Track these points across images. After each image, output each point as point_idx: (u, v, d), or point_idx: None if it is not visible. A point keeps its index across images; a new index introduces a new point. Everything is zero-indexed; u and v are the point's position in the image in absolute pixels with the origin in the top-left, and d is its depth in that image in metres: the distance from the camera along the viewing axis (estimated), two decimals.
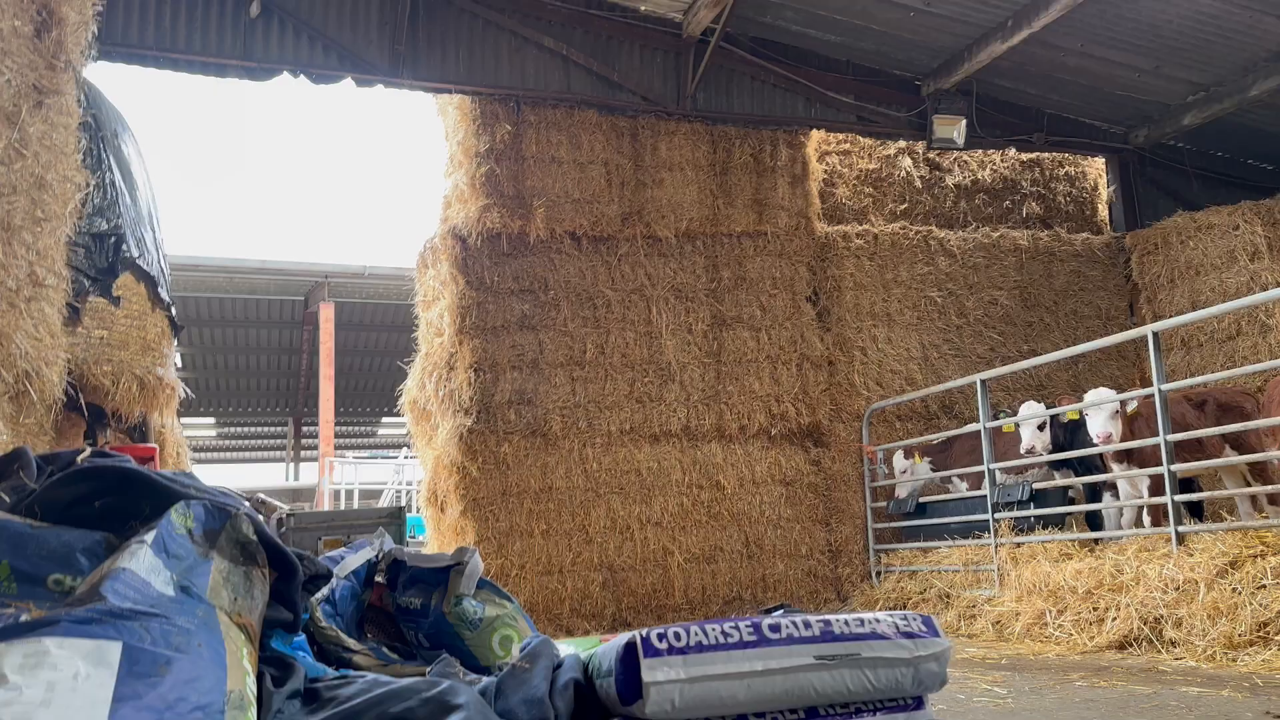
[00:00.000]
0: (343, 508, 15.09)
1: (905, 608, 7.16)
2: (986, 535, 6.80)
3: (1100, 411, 6.26)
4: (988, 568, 6.63)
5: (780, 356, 8.38)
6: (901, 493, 8.05)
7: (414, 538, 13.03)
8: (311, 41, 7.62)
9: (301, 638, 2.29)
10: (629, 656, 1.73)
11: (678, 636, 1.72)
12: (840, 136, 9.60)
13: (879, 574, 7.98)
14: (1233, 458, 6.34)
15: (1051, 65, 8.85)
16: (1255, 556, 4.77)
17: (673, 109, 8.53)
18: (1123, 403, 6.23)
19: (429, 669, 2.34)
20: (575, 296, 7.98)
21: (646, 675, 1.67)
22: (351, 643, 2.57)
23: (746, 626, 1.75)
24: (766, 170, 8.66)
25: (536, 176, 7.99)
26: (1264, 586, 4.51)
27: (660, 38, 8.58)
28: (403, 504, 15.15)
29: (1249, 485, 6.54)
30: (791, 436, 8.38)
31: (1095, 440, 6.25)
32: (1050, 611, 5.64)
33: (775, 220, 8.57)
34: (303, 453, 24.41)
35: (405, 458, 16.39)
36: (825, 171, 9.51)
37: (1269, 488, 6.20)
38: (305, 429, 23.81)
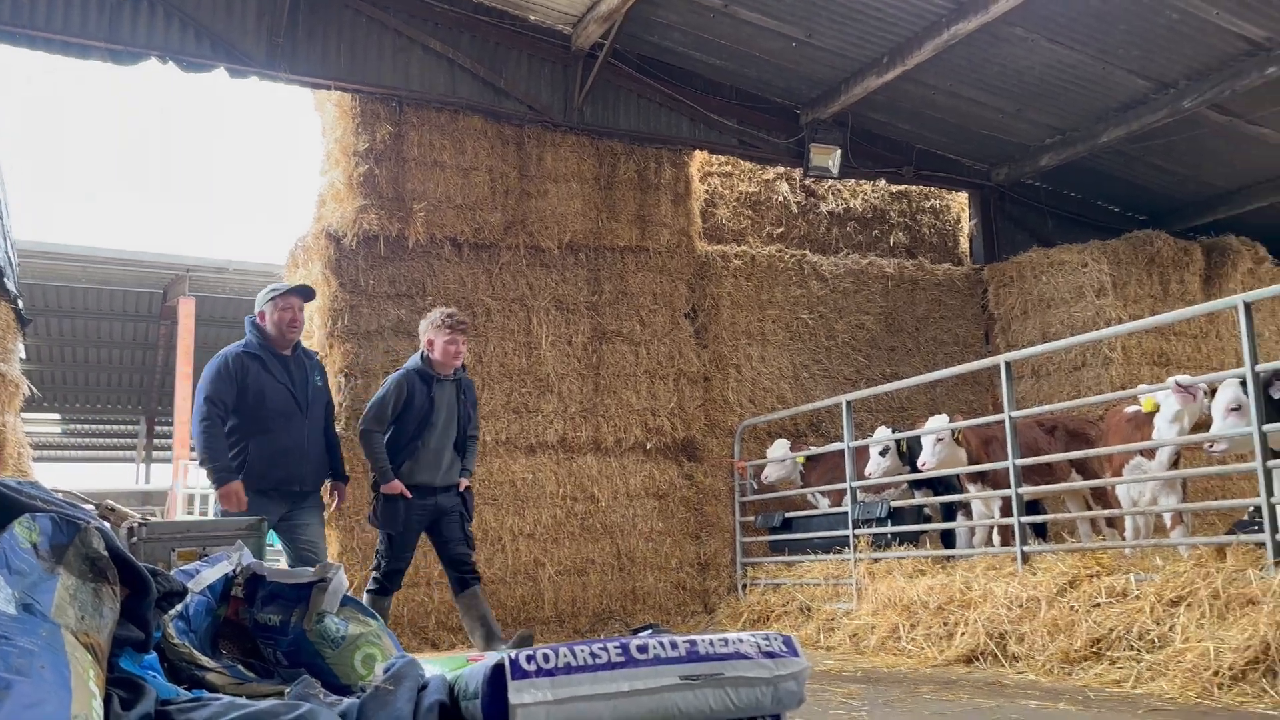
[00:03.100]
0: (197, 514, 14.39)
1: (769, 620, 7.34)
2: (847, 551, 7.04)
3: (927, 439, 6.65)
4: (847, 582, 6.87)
5: (658, 371, 8.49)
6: (769, 475, 8.26)
7: (274, 546, 12.56)
8: (183, 27, 7.30)
9: (152, 656, 2.19)
10: (496, 678, 1.73)
11: (546, 658, 1.73)
12: (722, 159, 9.81)
13: (745, 587, 8.15)
14: (1077, 482, 6.78)
15: (922, 102, 9.28)
16: (1092, 576, 5.09)
17: (559, 120, 8.54)
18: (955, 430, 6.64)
19: (288, 689, 2.28)
20: (454, 303, 7.87)
21: (514, 698, 1.67)
22: (206, 661, 2.47)
23: (615, 647, 1.78)
24: (650, 187, 8.77)
25: (418, 179, 7.86)
26: (1099, 605, 4.82)
27: (549, 49, 8.59)
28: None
29: (1090, 509, 7.00)
30: (666, 450, 8.48)
31: (921, 466, 6.69)
32: (904, 625, 5.88)
33: (657, 237, 8.68)
34: (155, 454, 23.26)
35: None
36: (707, 192, 9.69)
37: (1107, 511, 6.66)
38: (159, 428, 22.70)
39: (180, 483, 14.51)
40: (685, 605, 8.19)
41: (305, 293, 5.28)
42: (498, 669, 1.74)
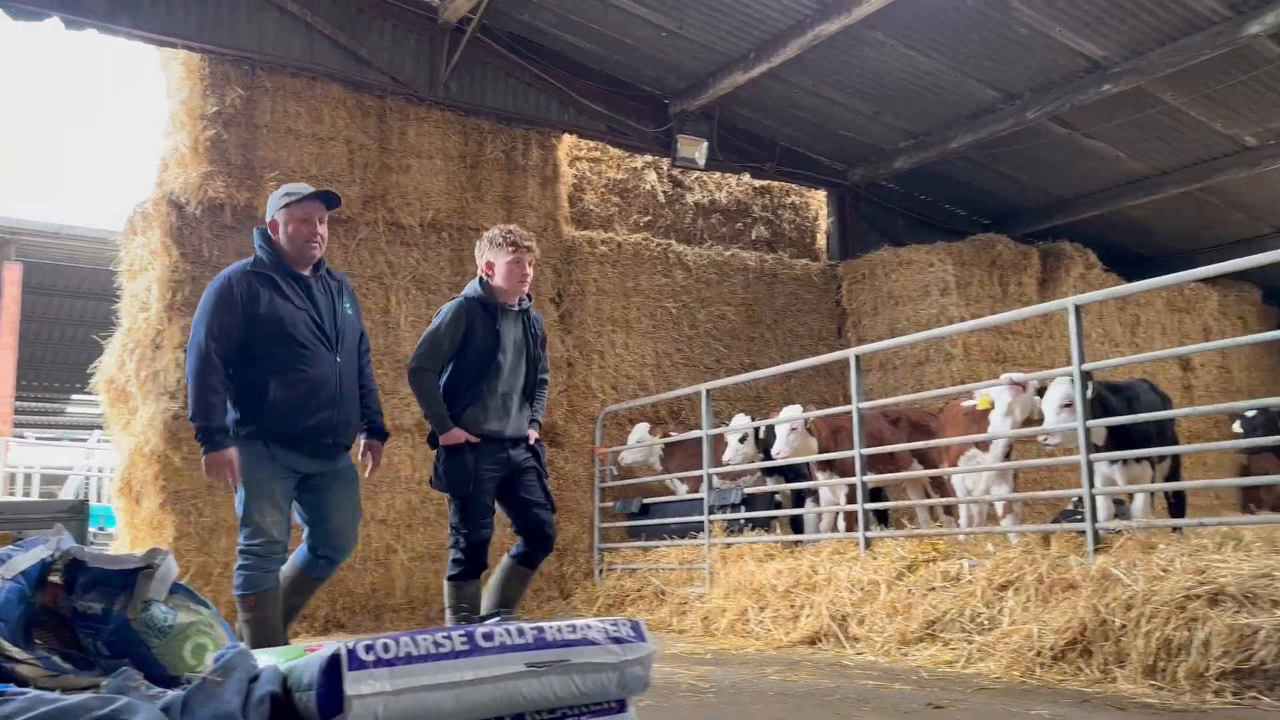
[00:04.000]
0: (20, 493, 13.43)
1: (624, 605, 7.39)
2: (702, 536, 7.16)
3: (780, 429, 6.87)
4: (700, 567, 6.99)
5: None
6: (627, 458, 8.31)
7: (103, 530, 11.85)
8: None
9: None
10: (332, 669, 1.66)
11: (386, 648, 1.68)
12: (591, 144, 9.78)
13: (601, 572, 8.19)
14: (917, 471, 7.11)
15: (786, 100, 9.50)
16: (929, 561, 5.34)
17: (424, 94, 8.31)
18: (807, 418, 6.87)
19: (105, 682, 2.14)
20: None
21: (349, 688, 1.61)
22: (16, 651, 2.29)
23: (460, 636, 1.74)
24: (518, 169, 8.65)
25: (270, 147, 7.50)
26: (934, 589, 5.06)
27: (415, 20, 8.34)
28: (88, 494, 13.74)
29: (929, 497, 7.35)
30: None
31: (775, 454, 6.89)
32: (753, 608, 6.02)
33: (524, 219, 8.56)
34: None
35: (98, 441, 14.87)
36: (575, 177, 9.65)
37: (944, 500, 7.01)
38: None
39: (1, 460, 13.48)
40: (541, 591, 8.15)
41: (329, 200, 4.21)
42: (333, 659, 1.67)
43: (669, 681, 4.11)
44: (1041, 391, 6.06)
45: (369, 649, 1.67)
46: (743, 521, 7.13)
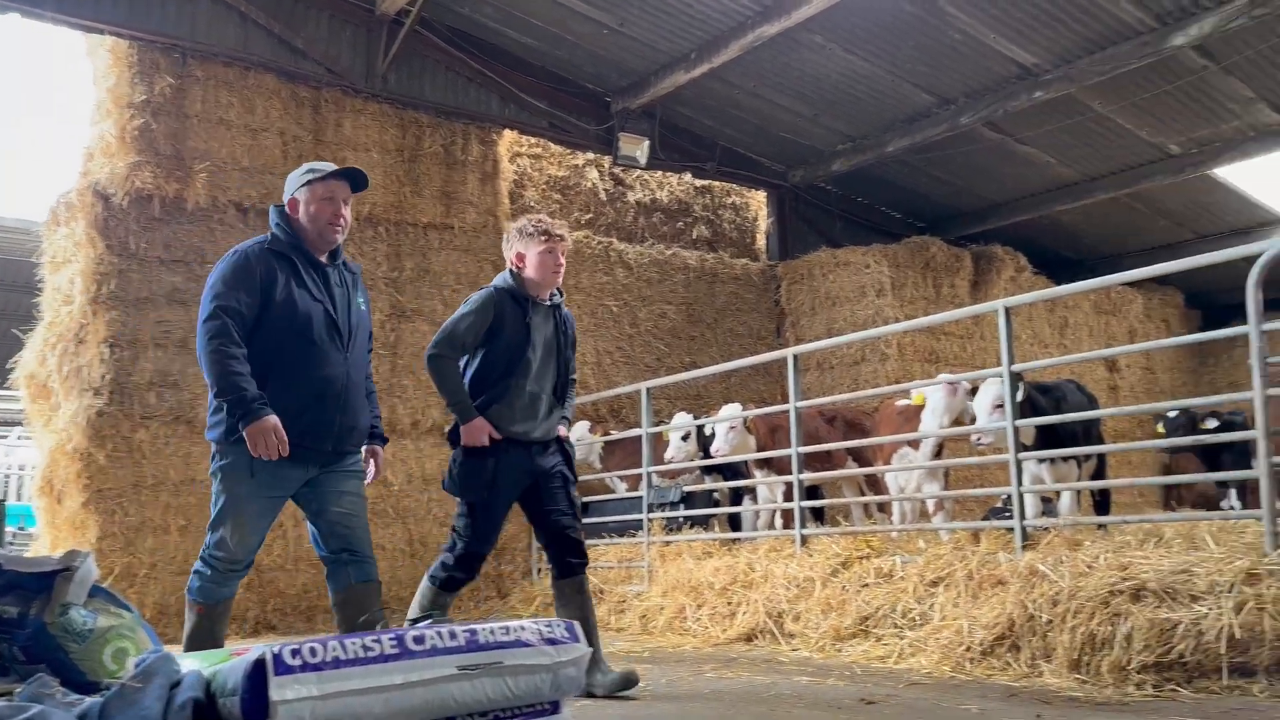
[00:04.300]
0: None
1: None
2: (641, 534, 7.17)
3: (719, 427, 6.91)
4: (639, 565, 7.00)
5: None
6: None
7: (23, 529, 11.45)
8: None
9: None
10: (258, 674, 1.62)
11: (314, 652, 1.64)
12: (532, 140, 9.72)
13: (539, 571, 8.15)
14: (853, 469, 7.21)
15: (728, 101, 9.55)
16: (862, 558, 5.41)
17: (361, 86, 8.18)
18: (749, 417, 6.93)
19: (19, 689, 2.07)
20: None
21: (275, 694, 1.57)
22: None
23: (389, 639, 1.71)
24: (457, 164, 8.56)
25: (201, 138, 7.31)
26: (868, 585, 5.13)
27: (352, 11, 8.21)
28: (7, 493, 13.28)
29: (864, 494, 7.45)
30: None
31: (712, 453, 6.92)
32: (690, 606, 6.05)
33: (463, 215, 8.49)
34: None
35: (18, 438, 14.37)
36: (516, 173, 9.58)
37: (879, 497, 7.11)
38: None
39: None
40: (478, 591, 8.08)
41: (355, 179, 3.85)
42: (258, 664, 1.63)
43: None
44: (973, 392, 6.19)
45: (295, 653, 1.64)
46: (681, 519, 7.15)
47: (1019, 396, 5.08)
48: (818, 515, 7.46)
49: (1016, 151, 10.02)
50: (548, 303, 4.28)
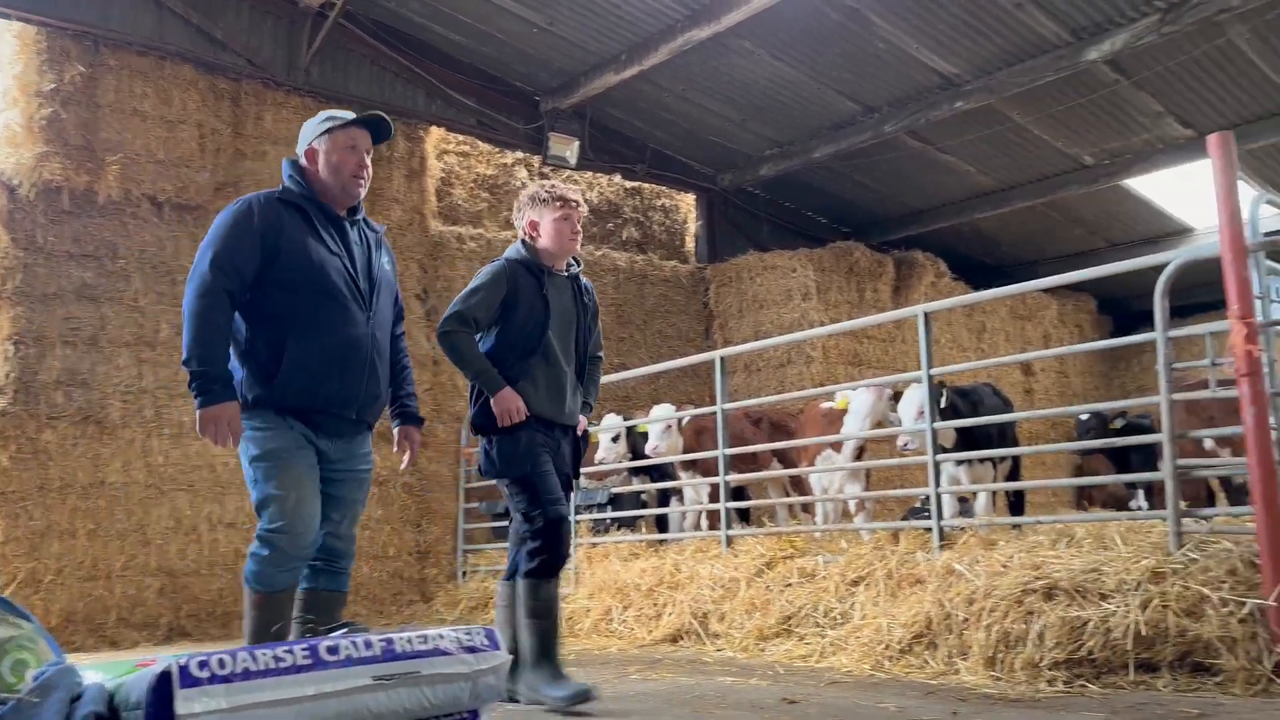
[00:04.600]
0: None
1: (488, 607, 7.29)
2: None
3: (654, 427, 6.93)
4: (566, 567, 6.96)
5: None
6: None
7: None
8: None
9: None
10: (163, 686, 1.56)
11: (222, 664, 1.59)
12: (460, 138, 9.62)
13: (465, 574, 8.06)
14: (778, 470, 7.28)
15: (658, 104, 9.58)
16: (786, 558, 5.47)
17: (283, 79, 8.00)
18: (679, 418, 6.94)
19: None
20: (151, 268, 7.16)
21: (181, 707, 1.52)
22: None
23: (302, 650, 1.66)
24: (382, 160, 8.42)
25: (113, 129, 7.06)
26: (791, 584, 5.18)
27: (274, 2, 8.02)
28: None
29: (789, 495, 7.54)
30: (388, 435, 8.17)
31: (647, 453, 6.92)
32: (617, 608, 6.04)
33: (389, 212, 8.35)
34: None
35: None
36: (443, 171, 9.47)
37: (803, 498, 7.20)
38: None
39: None
40: (402, 595, 7.97)
41: (378, 129, 3.53)
42: (164, 676, 1.57)
43: None
44: (897, 396, 6.31)
45: (203, 665, 1.58)
46: (609, 521, 7.14)
47: (942, 403, 5.19)
48: (743, 516, 7.52)
49: (938, 160, 10.25)
50: (565, 273, 3.97)
